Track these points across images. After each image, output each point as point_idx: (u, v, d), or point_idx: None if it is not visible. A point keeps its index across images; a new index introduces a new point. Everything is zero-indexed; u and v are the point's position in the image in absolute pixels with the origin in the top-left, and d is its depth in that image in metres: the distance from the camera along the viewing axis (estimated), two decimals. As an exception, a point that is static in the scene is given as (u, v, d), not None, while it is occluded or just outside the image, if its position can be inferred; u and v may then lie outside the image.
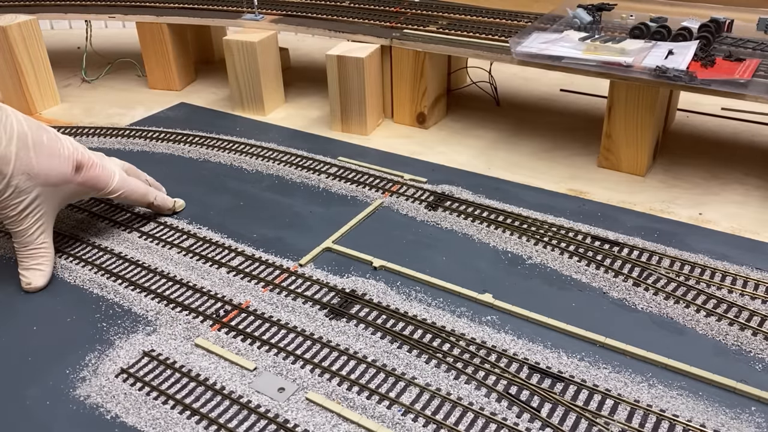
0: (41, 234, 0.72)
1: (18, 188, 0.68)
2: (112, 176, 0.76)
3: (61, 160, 0.71)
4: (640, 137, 0.90)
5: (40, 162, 0.69)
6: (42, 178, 0.70)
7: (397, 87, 1.07)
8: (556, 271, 0.72)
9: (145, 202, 0.81)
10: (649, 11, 1.02)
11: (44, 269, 0.72)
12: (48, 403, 0.58)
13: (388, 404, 0.56)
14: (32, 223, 0.71)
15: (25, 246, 0.71)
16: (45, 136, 0.71)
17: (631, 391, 0.56)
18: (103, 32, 1.57)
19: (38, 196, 0.70)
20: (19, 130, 0.68)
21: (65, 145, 0.72)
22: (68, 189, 0.73)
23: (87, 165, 0.73)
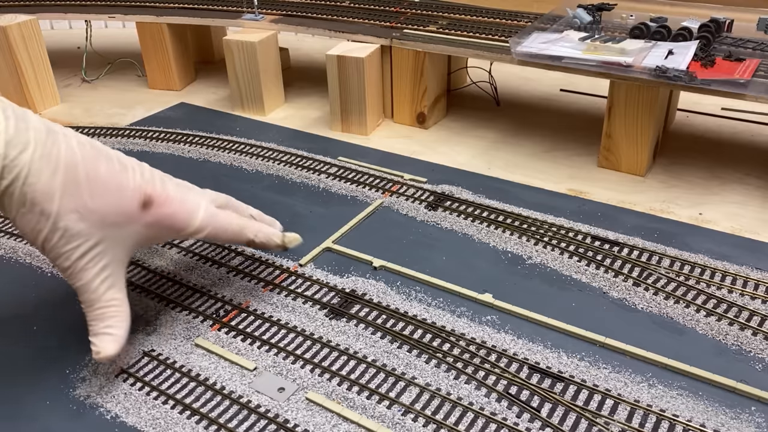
0: (109, 288, 0.57)
1: (68, 231, 0.54)
2: (193, 212, 0.61)
3: (123, 194, 0.57)
4: (640, 137, 0.90)
5: (94, 198, 0.55)
6: (97, 217, 0.55)
7: (397, 87, 1.07)
8: (556, 271, 0.72)
9: (242, 240, 0.66)
10: (649, 11, 1.02)
11: (116, 332, 0.57)
12: (48, 403, 0.58)
13: (388, 404, 0.56)
14: (94, 276, 0.56)
15: (91, 305, 0.57)
16: (104, 165, 0.57)
17: (631, 391, 0.56)
18: (103, 32, 1.57)
19: (98, 241, 0.56)
20: (67, 158, 0.54)
21: (132, 176, 0.58)
22: (135, 231, 0.58)
23: (159, 200, 0.59)
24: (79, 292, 0.57)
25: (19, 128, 0.52)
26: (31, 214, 0.53)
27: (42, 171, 0.53)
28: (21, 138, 0.52)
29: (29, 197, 0.53)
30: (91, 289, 0.56)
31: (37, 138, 0.53)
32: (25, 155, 0.52)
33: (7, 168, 0.51)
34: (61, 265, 0.56)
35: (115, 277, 0.58)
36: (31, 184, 0.52)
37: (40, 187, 0.53)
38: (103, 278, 0.57)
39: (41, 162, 0.53)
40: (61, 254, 0.55)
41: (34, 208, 0.53)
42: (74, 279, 0.56)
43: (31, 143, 0.52)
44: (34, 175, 0.52)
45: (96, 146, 0.58)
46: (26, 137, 0.52)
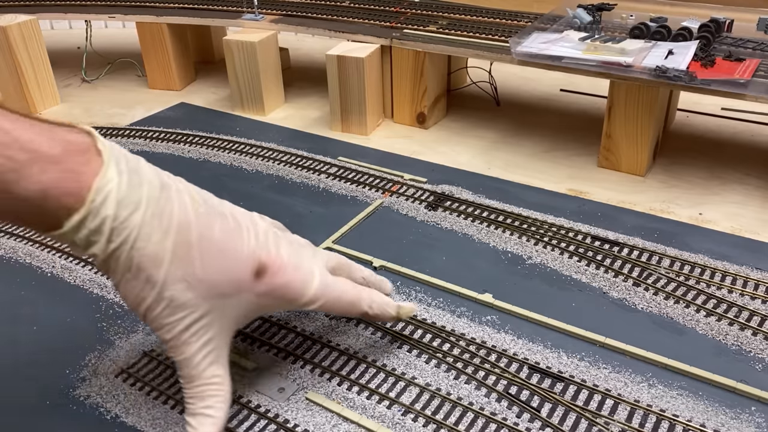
0: (211, 364, 0.51)
1: (174, 301, 0.48)
2: (307, 282, 0.54)
3: (237, 260, 0.51)
4: (640, 137, 0.90)
5: (205, 265, 0.49)
6: (207, 286, 0.49)
7: (397, 87, 1.07)
8: (556, 271, 0.72)
9: (355, 312, 0.58)
10: (649, 11, 1.02)
11: (215, 414, 0.51)
12: (48, 403, 0.58)
13: (388, 404, 0.56)
14: (197, 350, 0.50)
15: (190, 381, 0.51)
16: (218, 224, 0.50)
17: (631, 391, 0.56)
18: (103, 32, 1.57)
19: (205, 312, 0.50)
20: (180, 218, 0.48)
21: (246, 237, 0.52)
22: (245, 301, 0.52)
23: (273, 267, 0.52)
24: (178, 366, 0.51)
25: (132, 184, 0.47)
26: (135, 281, 0.48)
27: (152, 234, 0.47)
28: (133, 196, 0.46)
29: (136, 262, 0.47)
30: (193, 365, 0.50)
31: (150, 195, 0.47)
32: (137, 216, 0.46)
33: (116, 230, 0.46)
34: (163, 337, 0.50)
35: (218, 352, 0.51)
36: (139, 249, 0.47)
37: (149, 252, 0.47)
38: (206, 353, 0.50)
39: (152, 223, 0.47)
40: (163, 325, 0.49)
41: (140, 275, 0.47)
42: (175, 352, 0.50)
43: (143, 201, 0.47)
44: (144, 238, 0.47)
45: (209, 201, 0.52)
46: (139, 195, 0.47)
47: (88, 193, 0.45)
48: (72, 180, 0.44)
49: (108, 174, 0.46)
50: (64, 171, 0.44)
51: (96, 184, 0.45)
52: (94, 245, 0.46)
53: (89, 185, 0.45)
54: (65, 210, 0.45)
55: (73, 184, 0.45)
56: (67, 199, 0.44)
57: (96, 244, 0.46)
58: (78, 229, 0.45)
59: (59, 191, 0.44)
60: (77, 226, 0.45)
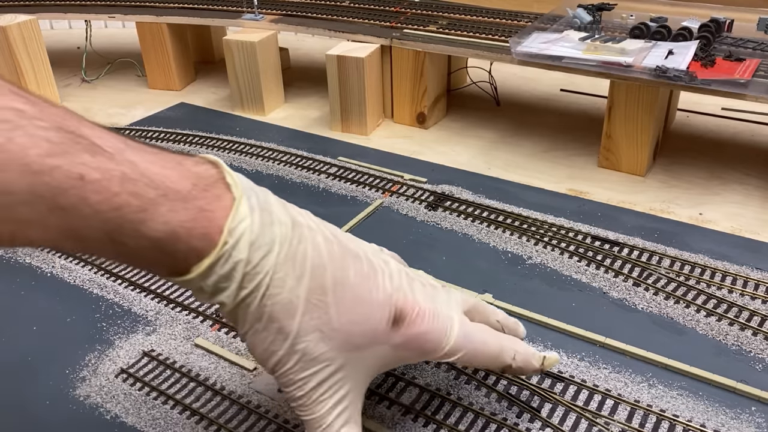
0: (345, 424, 0.46)
1: (307, 355, 0.44)
2: (447, 331, 0.48)
3: (373, 307, 0.46)
4: (640, 137, 0.90)
5: (341, 313, 0.44)
6: (343, 337, 0.44)
7: (397, 87, 1.07)
8: (556, 271, 0.72)
9: (497, 365, 0.52)
10: (649, 11, 1.02)
11: None
12: (48, 403, 0.58)
13: (388, 404, 0.56)
14: (330, 408, 0.45)
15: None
16: (353, 268, 0.46)
17: (632, 391, 0.56)
18: (103, 32, 1.57)
19: (339, 367, 0.45)
20: (315, 261, 0.44)
21: (381, 281, 0.47)
22: (380, 353, 0.47)
23: (411, 315, 0.47)
24: (308, 427, 0.46)
25: (264, 222, 0.42)
26: (266, 332, 0.43)
27: (286, 279, 0.42)
28: (266, 237, 0.42)
29: (267, 311, 0.42)
30: (326, 425, 0.45)
31: (282, 235, 0.43)
32: (270, 259, 0.42)
33: (248, 276, 0.41)
34: (293, 394, 0.45)
35: (352, 410, 0.47)
36: (272, 296, 0.42)
37: (282, 300, 0.42)
38: (339, 411, 0.46)
39: (286, 267, 0.42)
40: (295, 381, 0.45)
41: (271, 325, 0.43)
42: (305, 411, 0.45)
43: (276, 243, 0.42)
44: (277, 284, 0.42)
45: (342, 241, 0.47)
46: (272, 235, 0.42)
47: (219, 236, 0.40)
48: (204, 220, 0.40)
49: (240, 212, 0.41)
50: (195, 210, 0.40)
51: (228, 225, 0.40)
52: (223, 292, 0.42)
53: (221, 226, 0.40)
54: (195, 254, 0.40)
55: (205, 224, 0.40)
56: (198, 242, 0.40)
57: (225, 291, 0.42)
58: (207, 275, 0.41)
59: (189, 233, 0.39)
60: (206, 272, 0.40)
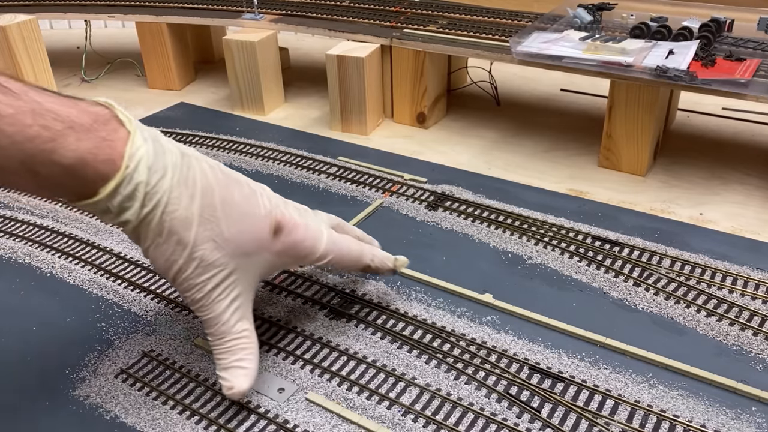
0: (240, 320, 0.54)
1: (203, 261, 0.52)
2: (318, 239, 0.58)
3: (256, 220, 0.54)
4: (641, 137, 0.90)
5: (230, 225, 0.52)
6: (233, 246, 0.52)
7: (397, 87, 1.07)
8: (557, 271, 0.72)
9: (359, 266, 0.63)
10: (649, 11, 1.02)
11: (248, 366, 0.54)
12: (47, 403, 0.58)
13: (388, 404, 0.56)
14: (227, 307, 0.53)
15: (221, 337, 0.54)
16: (236, 189, 0.54)
17: (632, 391, 0.56)
18: (103, 32, 1.57)
19: (232, 270, 0.53)
20: (203, 183, 0.52)
21: (261, 201, 0.56)
22: (264, 259, 0.56)
23: (288, 226, 0.56)
24: (207, 325, 0.54)
25: (158, 151, 0.49)
26: (166, 245, 0.50)
27: (181, 197, 0.50)
28: (160, 163, 0.49)
29: (167, 226, 0.50)
30: (223, 321, 0.54)
31: (174, 162, 0.50)
32: (165, 181, 0.49)
33: (148, 195, 0.48)
34: (194, 297, 0.53)
35: (245, 308, 0.55)
36: (170, 212, 0.50)
37: (179, 215, 0.50)
38: (234, 309, 0.54)
39: (180, 188, 0.50)
40: (194, 285, 0.52)
41: (171, 238, 0.50)
42: (206, 311, 0.53)
43: (170, 167, 0.50)
44: (174, 202, 0.50)
45: (224, 170, 0.55)
46: (165, 161, 0.50)
47: (121, 160, 0.47)
48: (106, 147, 0.47)
49: (136, 141, 0.48)
50: (98, 139, 0.46)
51: (128, 151, 0.47)
52: (127, 211, 0.49)
53: (121, 152, 0.47)
54: (101, 177, 0.47)
55: (108, 151, 0.47)
56: (103, 167, 0.47)
57: (129, 210, 0.48)
58: (112, 196, 0.47)
59: (95, 159, 0.46)
60: (112, 193, 0.47)
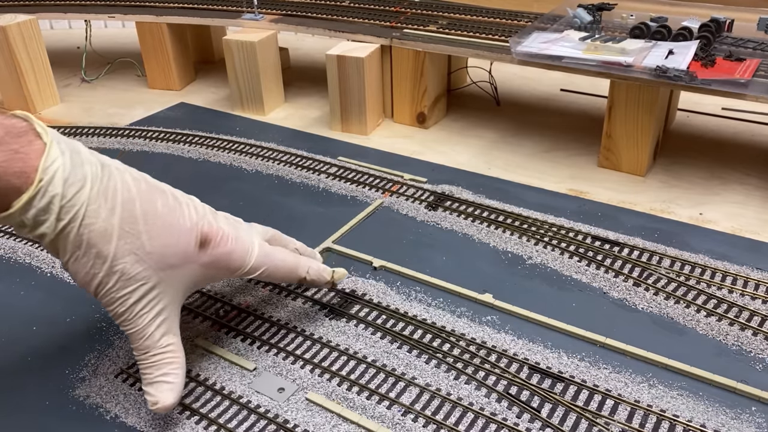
0: (165, 334, 0.53)
1: (125, 275, 0.51)
2: (249, 251, 0.58)
3: (181, 233, 0.53)
4: (641, 137, 0.90)
5: (152, 237, 0.51)
6: (155, 259, 0.52)
7: (397, 87, 1.07)
8: (557, 271, 0.72)
9: (294, 278, 0.62)
10: (649, 11, 1.02)
11: (173, 381, 0.53)
12: (47, 403, 0.58)
13: (388, 404, 0.56)
14: (150, 321, 0.52)
15: (145, 352, 0.53)
16: (159, 201, 0.53)
17: (632, 391, 0.56)
18: (103, 32, 1.57)
19: (155, 284, 0.52)
20: (124, 195, 0.51)
21: (187, 212, 0.54)
22: (191, 272, 0.55)
23: (215, 238, 0.55)
24: (132, 339, 0.53)
25: (75, 163, 0.49)
26: (86, 258, 0.50)
27: (99, 210, 0.49)
28: (78, 174, 0.49)
29: (86, 239, 0.49)
30: (146, 335, 0.53)
31: (93, 173, 0.50)
32: (83, 193, 0.48)
33: (64, 208, 0.48)
34: (116, 311, 0.52)
35: (170, 322, 0.54)
36: (88, 225, 0.49)
37: (98, 228, 0.49)
38: (158, 323, 0.53)
39: (99, 200, 0.49)
40: (116, 299, 0.51)
41: (90, 251, 0.49)
42: (129, 325, 0.52)
43: (88, 179, 0.49)
44: (92, 215, 0.49)
45: (149, 181, 0.54)
46: (83, 173, 0.49)
47: (35, 174, 0.46)
48: (18, 160, 0.46)
49: (52, 154, 0.47)
50: (10, 152, 0.46)
51: (42, 164, 0.47)
52: (43, 225, 0.48)
53: (35, 165, 0.46)
54: (14, 190, 0.46)
55: (19, 164, 0.46)
56: (16, 180, 0.46)
57: (44, 223, 0.48)
58: (26, 210, 0.47)
59: (6, 172, 0.45)
60: (25, 207, 0.47)
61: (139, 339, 0.53)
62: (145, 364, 0.53)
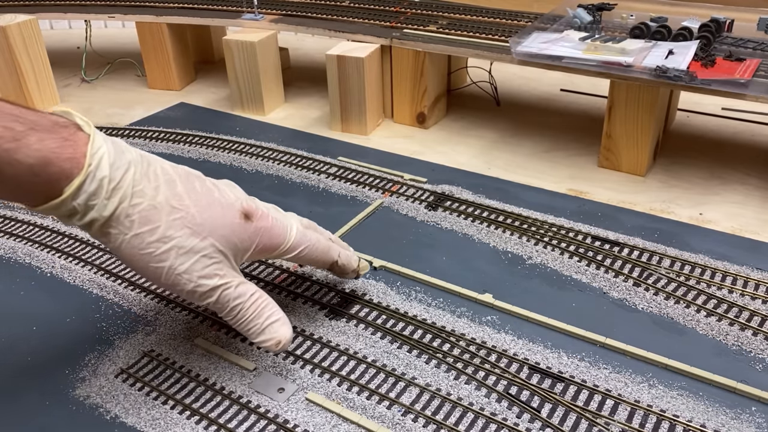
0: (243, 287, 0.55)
1: (182, 248, 0.51)
2: (288, 229, 0.59)
3: (225, 206, 0.55)
4: (641, 137, 0.90)
5: (201, 211, 0.53)
6: (207, 229, 0.53)
7: (397, 87, 1.07)
8: (557, 271, 0.72)
9: (327, 261, 0.63)
10: (649, 11, 1.02)
11: (278, 316, 0.55)
12: (47, 403, 0.58)
13: (388, 404, 0.56)
14: (226, 284, 0.54)
15: (235, 311, 0.54)
16: (197, 182, 0.55)
17: (632, 391, 0.56)
18: (103, 32, 1.57)
19: (212, 253, 0.53)
20: (165, 176, 0.53)
21: (225, 192, 0.57)
22: (241, 243, 0.55)
23: (257, 214, 0.57)
24: (218, 308, 0.54)
25: (118, 150, 0.51)
26: (138, 239, 0.51)
27: (145, 190, 0.51)
28: (122, 160, 0.51)
29: (136, 218, 0.50)
30: (228, 298, 0.54)
31: (134, 159, 0.52)
32: (128, 176, 0.50)
33: (113, 191, 0.50)
34: (185, 288, 0.52)
35: (240, 279, 0.55)
36: (136, 205, 0.50)
37: (146, 206, 0.51)
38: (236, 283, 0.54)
39: (143, 181, 0.51)
40: (181, 275, 0.52)
41: (142, 229, 0.50)
42: (205, 298, 0.53)
43: (132, 164, 0.51)
44: (139, 195, 0.51)
45: (185, 168, 0.56)
46: (125, 159, 0.51)
47: (84, 158, 0.48)
48: (68, 147, 0.48)
49: (97, 141, 0.50)
50: (60, 139, 0.48)
51: (90, 150, 0.49)
52: (93, 209, 0.49)
53: (83, 151, 0.49)
54: (65, 175, 0.48)
55: (70, 150, 0.48)
56: (67, 165, 0.48)
57: (95, 207, 0.49)
58: (77, 195, 0.48)
59: (59, 157, 0.47)
60: (77, 191, 0.48)
61: (222, 302, 0.54)
62: (244, 321, 0.55)
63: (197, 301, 0.54)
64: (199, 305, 0.56)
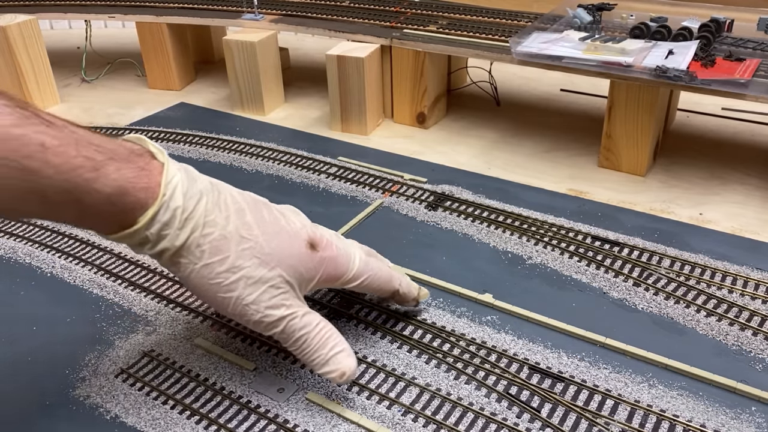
0: (310, 319, 0.54)
1: (251, 278, 0.52)
2: (352, 258, 0.59)
3: (292, 236, 0.55)
4: (641, 137, 0.90)
5: (269, 241, 0.53)
6: (276, 259, 0.53)
7: (397, 87, 1.07)
8: (557, 271, 0.72)
9: (389, 290, 0.62)
10: (649, 11, 1.02)
11: (343, 347, 0.55)
12: (47, 403, 0.58)
13: (388, 404, 0.56)
14: (291, 314, 0.53)
15: (300, 342, 0.54)
16: (264, 211, 0.55)
17: (632, 391, 0.56)
18: (103, 32, 1.57)
19: (279, 283, 0.53)
20: (235, 205, 0.53)
21: (291, 220, 0.57)
22: (307, 273, 0.55)
23: (322, 243, 0.56)
24: (284, 339, 0.54)
25: (190, 179, 0.51)
26: (207, 269, 0.51)
27: (217, 220, 0.51)
28: (194, 189, 0.51)
29: (207, 248, 0.51)
30: (295, 327, 0.53)
31: (205, 188, 0.52)
32: (200, 206, 0.51)
33: (186, 221, 0.50)
34: (252, 318, 0.53)
35: (305, 308, 0.55)
36: (207, 235, 0.51)
37: (217, 236, 0.51)
38: (301, 314, 0.54)
39: (214, 211, 0.51)
40: (248, 305, 0.52)
41: (212, 259, 0.51)
42: (271, 328, 0.53)
43: (204, 194, 0.51)
44: (210, 225, 0.51)
45: (252, 196, 0.56)
46: (197, 188, 0.51)
47: (159, 188, 0.49)
48: (144, 176, 0.49)
49: (171, 170, 0.50)
50: (137, 169, 0.48)
51: (164, 180, 0.49)
52: (165, 239, 0.50)
53: (158, 181, 0.49)
54: (140, 204, 0.48)
55: (146, 180, 0.49)
56: (142, 195, 0.48)
57: (167, 237, 0.50)
58: (151, 224, 0.49)
59: (135, 187, 0.48)
60: (150, 221, 0.49)
61: (288, 333, 0.53)
62: (309, 352, 0.54)
63: (263, 330, 0.54)
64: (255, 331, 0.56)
